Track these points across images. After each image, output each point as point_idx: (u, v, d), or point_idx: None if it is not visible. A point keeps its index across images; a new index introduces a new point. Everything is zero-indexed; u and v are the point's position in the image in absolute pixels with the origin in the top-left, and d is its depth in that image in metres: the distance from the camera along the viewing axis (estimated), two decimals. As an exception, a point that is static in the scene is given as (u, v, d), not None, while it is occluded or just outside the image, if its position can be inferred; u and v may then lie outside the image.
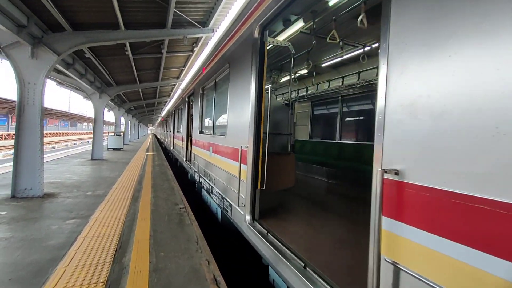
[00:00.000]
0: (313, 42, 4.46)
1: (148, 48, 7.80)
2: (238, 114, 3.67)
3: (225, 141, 4.19)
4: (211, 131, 5.43)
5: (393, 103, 1.39)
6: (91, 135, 14.22)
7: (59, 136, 52.91)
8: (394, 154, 1.38)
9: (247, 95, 3.38)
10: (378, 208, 1.35)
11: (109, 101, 15.46)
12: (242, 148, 3.27)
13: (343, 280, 1.95)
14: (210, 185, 5.23)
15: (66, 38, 5.33)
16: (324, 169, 6.63)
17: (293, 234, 2.88)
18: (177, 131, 12.26)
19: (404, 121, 1.32)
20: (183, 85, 10.98)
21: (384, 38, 1.46)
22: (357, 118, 7.37)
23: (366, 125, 6.97)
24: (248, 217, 3.19)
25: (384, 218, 1.39)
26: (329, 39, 3.97)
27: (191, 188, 9.25)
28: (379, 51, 1.50)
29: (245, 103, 3.43)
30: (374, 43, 5.24)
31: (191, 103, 9.46)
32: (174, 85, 15.42)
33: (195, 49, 8.34)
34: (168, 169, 10.48)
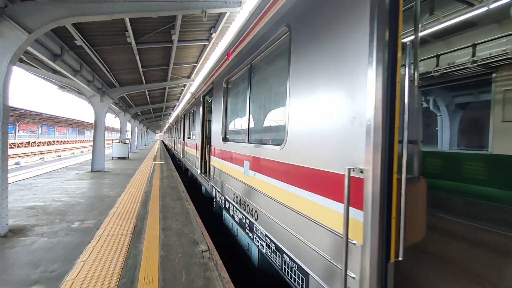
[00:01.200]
0: None
1: (155, 34, 6.32)
2: (323, 105, 1.96)
3: (287, 155, 2.48)
4: (254, 138, 3.74)
5: None
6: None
7: (66, 144, 52.40)
8: None
9: (350, 63, 1.68)
10: None
11: (113, 105, 14.10)
12: (353, 174, 1.55)
13: None
14: (248, 219, 3.50)
15: (40, 9, 3.75)
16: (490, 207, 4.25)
17: None
18: (188, 138, 10.70)
19: None
20: (195, 84, 9.47)
21: None
22: None
23: None
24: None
25: None
26: None
27: (208, 206, 7.57)
28: None
29: (345, 80, 1.73)
30: None
31: (208, 102, 7.85)
32: (184, 86, 13.97)
33: (213, 35, 6.76)
34: (178, 182, 8.82)
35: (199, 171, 7.59)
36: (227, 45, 4.79)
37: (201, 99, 7.57)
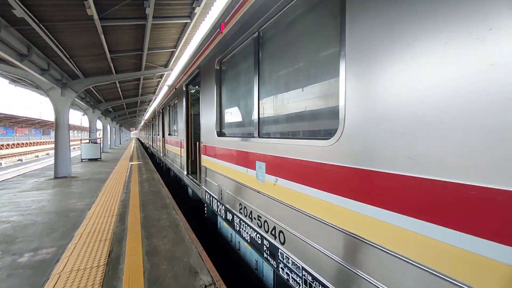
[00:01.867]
0: None
1: (125, 8, 5.06)
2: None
3: (345, 155, 1.62)
4: (270, 130, 2.78)
5: None
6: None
7: (29, 146, 47.65)
8: None
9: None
10: None
11: (78, 100, 12.36)
12: None
13: None
14: (267, 240, 2.60)
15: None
16: None
17: None
18: (169, 134, 9.51)
19: None
20: (174, 73, 8.28)
21: None
22: None
23: None
24: None
25: None
26: None
27: (197, 211, 6.58)
28: None
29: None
30: None
31: (192, 91, 6.79)
32: (161, 77, 12.55)
33: (196, 10, 5.62)
34: (161, 185, 7.70)
35: (185, 173, 6.55)
36: (219, 13, 3.77)
37: (184, 89, 6.48)
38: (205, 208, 5.68)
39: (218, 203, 4.07)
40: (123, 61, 8.56)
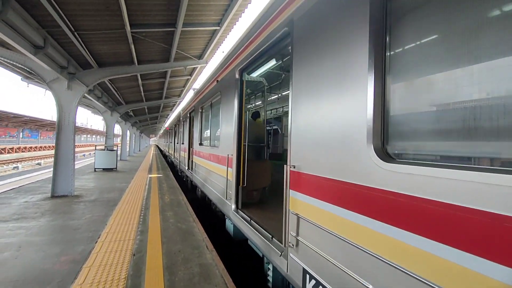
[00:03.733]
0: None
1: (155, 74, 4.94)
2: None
3: None
4: None
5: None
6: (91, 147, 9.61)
7: (50, 149, 47.92)
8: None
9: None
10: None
11: (94, 100, 10.54)
12: None
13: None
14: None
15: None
16: None
17: None
18: (200, 144, 7.25)
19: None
20: (215, 62, 6.11)
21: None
22: None
23: None
24: None
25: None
26: None
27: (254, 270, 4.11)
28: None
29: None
30: None
31: (249, 80, 4.63)
32: (191, 74, 10.44)
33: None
34: (192, 218, 5.32)
35: (233, 206, 4.16)
36: None
37: (237, 76, 4.22)
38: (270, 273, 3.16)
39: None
40: (147, 44, 6.45)
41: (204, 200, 7.62)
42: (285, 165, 2.50)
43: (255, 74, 5.13)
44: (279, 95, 8.16)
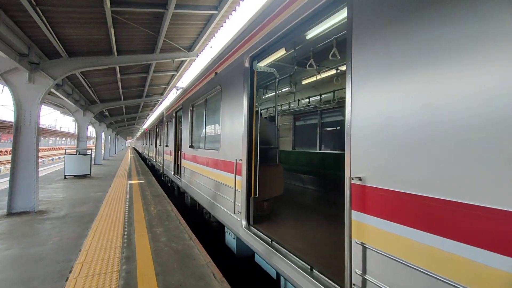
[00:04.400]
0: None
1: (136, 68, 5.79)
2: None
3: None
4: None
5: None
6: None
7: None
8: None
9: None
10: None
11: (64, 98, 9.17)
12: None
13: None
14: None
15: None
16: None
17: None
18: (191, 146, 6.37)
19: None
20: (212, 53, 5.31)
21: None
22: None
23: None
24: None
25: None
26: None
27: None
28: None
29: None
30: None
31: (260, 70, 3.94)
32: (177, 69, 9.40)
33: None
34: (188, 235, 4.45)
35: (244, 223, 3.43)
36: None
37: (247, 64, 3.50)
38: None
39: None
40: (130, 30, 5.42)
41: (195, 208, 6.73)
42: (346, 177, 1.79)
43: (263, 64, 4.42)
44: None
